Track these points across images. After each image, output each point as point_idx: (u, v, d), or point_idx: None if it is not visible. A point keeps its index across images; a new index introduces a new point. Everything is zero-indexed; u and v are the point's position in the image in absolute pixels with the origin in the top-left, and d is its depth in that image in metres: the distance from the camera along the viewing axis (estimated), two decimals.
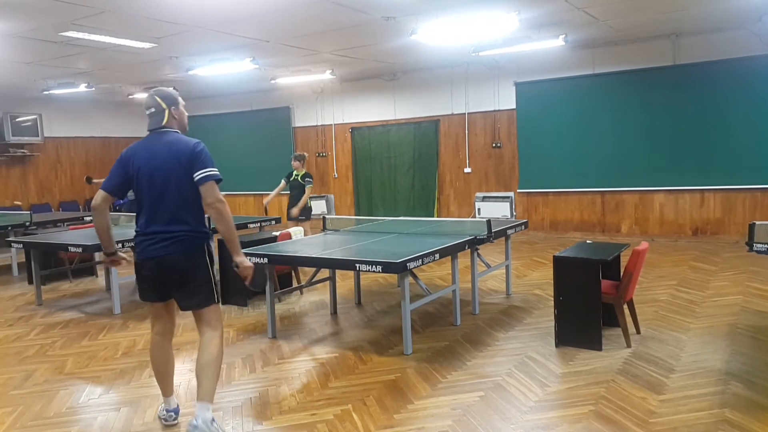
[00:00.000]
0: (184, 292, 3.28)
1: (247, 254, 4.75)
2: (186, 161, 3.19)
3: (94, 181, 9.82)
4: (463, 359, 4.39)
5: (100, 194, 3.30)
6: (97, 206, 3.30)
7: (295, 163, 8.39)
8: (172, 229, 3.20)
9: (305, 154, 8.62)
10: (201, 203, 3.23)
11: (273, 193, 8.54)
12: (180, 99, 3.41)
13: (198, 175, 3.16)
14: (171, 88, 3.43)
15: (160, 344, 3.43)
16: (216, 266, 3.54)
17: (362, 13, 6.63)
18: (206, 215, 3.33)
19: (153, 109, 3.32)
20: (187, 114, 3.47)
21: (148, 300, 3.39)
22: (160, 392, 3.57)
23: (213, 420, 3.21)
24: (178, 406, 3.55)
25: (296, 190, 8.35)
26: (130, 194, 3.39)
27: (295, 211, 8.21)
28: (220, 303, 3.49)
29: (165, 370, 3.45)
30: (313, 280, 5.74)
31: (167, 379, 3.48)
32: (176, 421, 3.49)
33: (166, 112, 3.32)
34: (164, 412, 3.50)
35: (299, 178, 8.33)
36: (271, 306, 5.09)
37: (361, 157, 12.24)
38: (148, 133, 3.36)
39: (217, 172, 3.21)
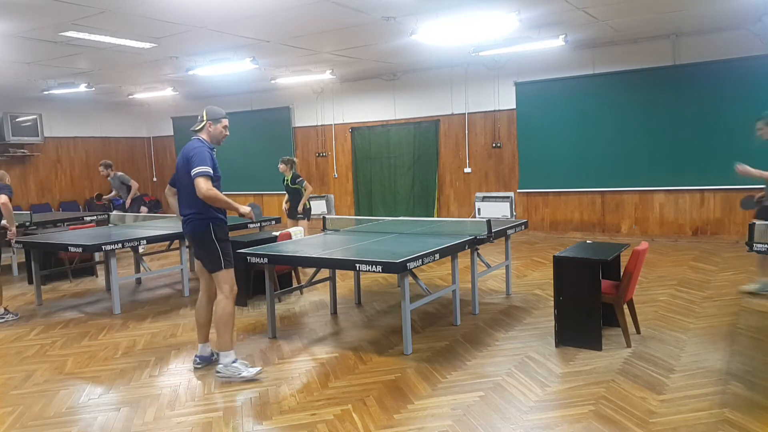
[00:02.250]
0: (200, 257, 4.21)
1: (247, 254, 4.85)
2: (188, 162, 4.02)
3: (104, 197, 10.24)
4: (463, 359, 4.39)
5: (167, 187, 4.43)
6: (165, 192, 4.46)
7: (281, 166, 8.43)
8: (187, 212, 4.15)
9: (294, 159, 8.62)
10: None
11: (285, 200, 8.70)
12: (223, 120, 4.21)
13: (192, 172, 3.97)
14: (221, 109, 4.25)
15: (199, 299, 4.37)
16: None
17: (362, 13, 6.62)
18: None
19: (198, 117, 4.23)
20: (226, 133, 4.25)
21: (195, 256, 4.35)
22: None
23: (234, 361, 4.13)
24: (208, 354, 4.41)
25: (291, 194, 8.46)
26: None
27: (299, 208, 8.31)
28: (228, 269, 4.15)
29: (199, 320, 4.38)
30: (313, 280, 5.74)
31: (201, 329, 4.39)
32: (199, 365, 4.37)
33: (204, 123, 4.18)
34: (195, 358, 4.43)
35: (289, 182, 8.42)
36: (271, 306, 5.09)
37: (361, 157, 12.24)
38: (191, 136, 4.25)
39: (204, 169, 3.95)
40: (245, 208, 4.26)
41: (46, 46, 7.62)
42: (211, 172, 4.00)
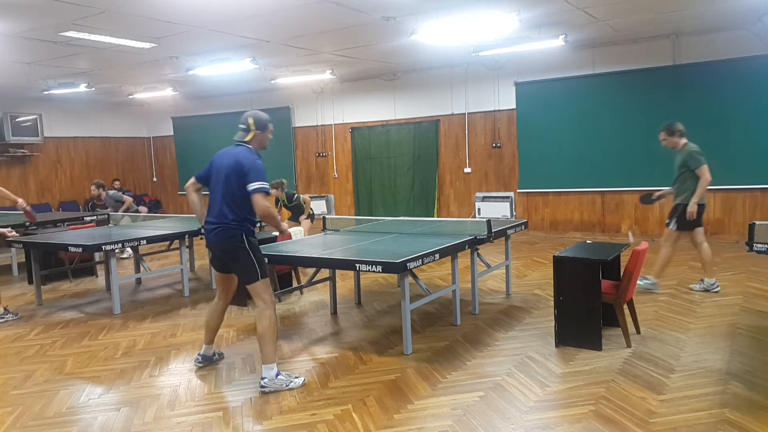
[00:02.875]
0: (234, 269, 4.12)
1: None
2: (241, 171, 3.88)
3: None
4: (463, 359, 4.39)
5: (190, 180, 4.21)
6: (186, 188, 4.23)
7: (273, 191, 8.43)
8: (218, 220, 3.99)
9: (282, 180, 8.62)
10: (244, 203, 3.91)
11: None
12: (270, 126, 4.16)
13: (249, 187, 3.84)
14: (266, 115, 4.17)
15: (215, 304, 4.34)
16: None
17: (362, 13, 6.62)
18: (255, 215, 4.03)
19: (243, 126, 4.10)
20: (271, 138, 4.19)
21: (215, 268, 4.28)
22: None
23: (278, 374, 3.97)
24: (210, 354, 4.46)
25: (293, 211, 8.60)
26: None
27: (302, 218, 8.48)
28: (264, 279, 4.03)
29: (210, 324, 4.37)
30: (313, 280, 5.74)
31: (209, 332, 4.40)
32: (201, 364, 4.40)
33: (252, 132, 4.07)
34: (197, 356, 4.46)
35: (286, 202, 8.57)
36: None
37: (361, 157, 12.24)
38: (235, 142, 4.10)
39: (264, 185, 3.86)
40: (285, 227, 4.22)
41: (46, 46, 7.62)
42: (269, 188, 3.94)
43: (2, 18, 6.32)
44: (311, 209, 8.56)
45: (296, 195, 8.52)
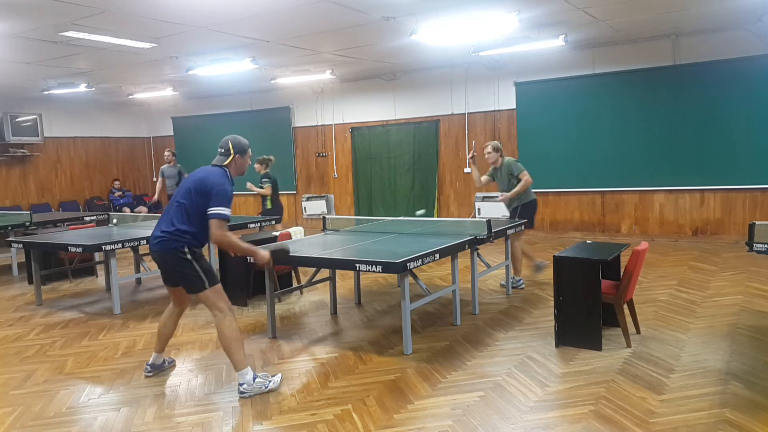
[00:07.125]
0: (178, 281, 3.96)
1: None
2: (205, 190, 3.77)
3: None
4: (463, 359, 4.39)
5: None
6: None
7: (256, 165, 8.55)
8: (165, 229, 3.85)
9: (270, 157, 8.67)
10: (199, 222, 3.80)
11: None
12: (249, 151, 4.10)
13: (209, 211, 3.74)
14: (246, 140, 4.10)
15: (169, 310, 4.23)
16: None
17: (362, 13, 6.62)
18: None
19: (222, 149, 4.01)
20: (249, 163, 4.14)
21: (164, 282, 4.18)
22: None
23: (255, 377, 3.89)
24: (160, 363, 4.33)
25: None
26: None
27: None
28: (214, 286, 3.88)
29: (162, 331, 4.25)
30: (313, 280, 5.74)
31: (161, 340, 4.28)
32: (150, 374, 4.27)
33: (231, 156, 3.99)
34: (146, 366, 4.31)
35: (262, 178, 8.68)
36: (271, 306, 5.09)
37: (361, 157, 12.24)
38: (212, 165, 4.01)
39: (223, 212, 3.73)
40: (264, 254, 4.05)
41: (46, 46, 7.62)
42: (230, 215, 3.77)
43: (2, 18, 6.32)
44: (268, 203, 8.56)
45: (267, 180, 8.52)
